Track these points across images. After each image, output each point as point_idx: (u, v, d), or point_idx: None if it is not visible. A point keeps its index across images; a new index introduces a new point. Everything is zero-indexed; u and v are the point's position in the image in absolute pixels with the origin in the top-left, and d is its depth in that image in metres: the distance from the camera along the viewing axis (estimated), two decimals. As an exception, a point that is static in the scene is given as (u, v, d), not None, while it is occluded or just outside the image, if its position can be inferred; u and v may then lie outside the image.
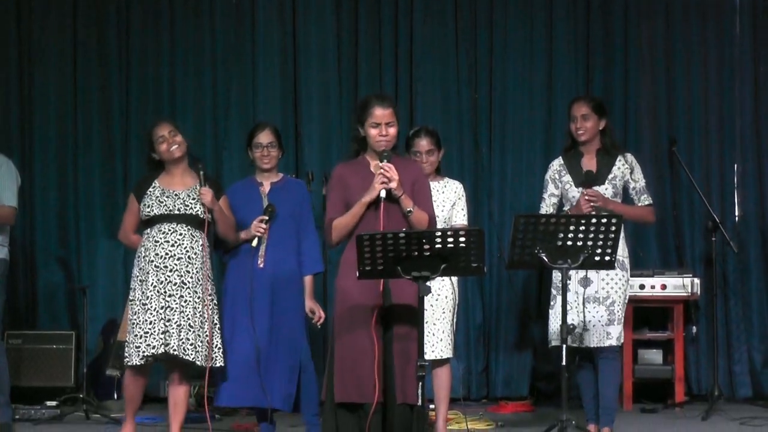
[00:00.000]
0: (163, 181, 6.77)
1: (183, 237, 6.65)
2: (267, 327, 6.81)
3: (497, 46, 9.23)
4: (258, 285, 6.83)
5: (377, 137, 5.83)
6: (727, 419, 8.08)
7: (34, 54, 9.24)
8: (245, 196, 6.95)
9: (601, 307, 6.92)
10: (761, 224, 9.12)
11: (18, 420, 8.01)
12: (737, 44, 9.21)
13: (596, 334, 6.93)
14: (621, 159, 7.07)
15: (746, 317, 9.08)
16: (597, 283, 6.93)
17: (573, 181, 7.04)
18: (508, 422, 8.05)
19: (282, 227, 6.88)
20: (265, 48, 9.23)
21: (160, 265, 6.59)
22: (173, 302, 6.58)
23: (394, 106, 5.90)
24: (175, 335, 6.55)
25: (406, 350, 5.71)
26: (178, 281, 6.60)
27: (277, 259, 6.86)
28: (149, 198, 6.70)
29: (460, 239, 5.58)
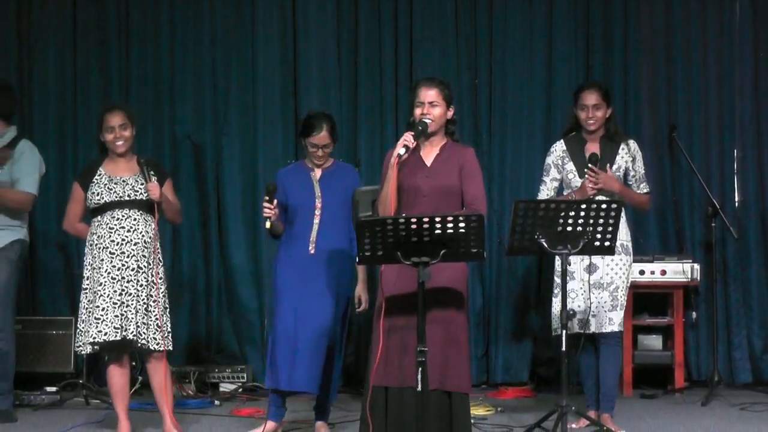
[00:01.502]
0: (108, 168, 6.76)
1: (137, 222, 6.66)
2: (312, 312, 6.75)
3: (497, 32, 9.23)
4: (308, 271, 6.81)
5: (419, 116, 5.82)
6: (726, 405, 8.12)
7: (34, 36, 9.24)
8: (297, 182, 6.90)
9: (605, 293, 6.95)
10: (761, 210, 9.13)
11: (18, 405, 8.03)
12: (737, 30, 9.20)
13: (599, 319, 6.95)
14: (624, 147, 7.07)
15: (746, 303, 9.10)
16: (602, 269, 6.94)
17: (576, 170, 7.02)
18: (508, 408, 8.05)
19: (334, 213, 6.83)
20: (264, 32, 9.23)
21: (116, 251, 6.58)
22: (131, 287, 6.56)
23: (441, 87, 5.87)
24: (132, 320, 6.52)
25: (451, 334, 5.71)
26: (134, 266, 6.59)
27: (327, 246, 6.82)
28: (96, 186, 6.67)
29: (459, 225, 5.55)
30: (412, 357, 5.52)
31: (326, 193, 6.88)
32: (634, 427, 7.08)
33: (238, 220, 9.07)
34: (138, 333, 6.50)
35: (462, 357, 5.77)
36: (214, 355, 9.02)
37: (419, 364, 5.52)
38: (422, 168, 5.82)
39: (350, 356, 8.99)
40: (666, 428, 7.30)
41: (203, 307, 9.04)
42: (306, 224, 6.85)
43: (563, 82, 9.10)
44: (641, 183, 7.05)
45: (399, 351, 5.67)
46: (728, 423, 7.50)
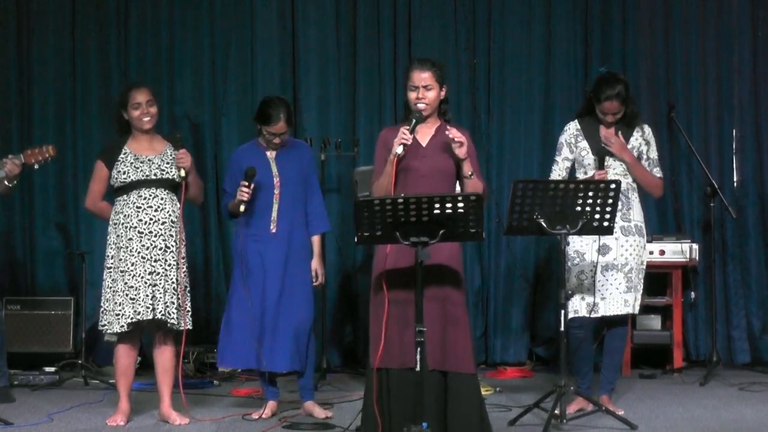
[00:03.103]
0: (132, 146, 6.79)
1: (164, 201, 6.71)
2: (278, 290, 6.87)
3: (495, 12, 9.22)
4: (271, 249, 6.90)
5: (414, 100, 5.82)
6: (725, 385, 8.14)
7: (33, 17, 9.21)
8: (253, 162, 6.90)
9: (619, 275, 6.93)
10: (760, 189, 9.13)
11: (17, 386, 8.06)
12: (735, 9, 9.19)
13: (613, 302, 6.93)
14: (638, 131, 7.03)
15: (745, 283, 9.11)
16: (616, 250, 6.92)
17: (590, 148, 6.99)
18: (507, 388, 8.08)
19: (291, 190, 6.90)
20: (263, 13, 9.21)
21: (145, 230, 6.64)
22: (159, 267, 6.64)
23: (434, 69, 5.83)
24: (161, 300, 6.61)
25: (449, 313, 5.70)
26: (162, 245, 6.66)
27: (288, 223, 6.91)
28: (122, 164, 6.70)
29: (458, 204, 5.55)
30: (411, 336, 5.53)
31: (283, 172, 6.97)
32: (633, 408, 7.08)
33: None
34: (167, 312, 6.61)
35: (463, 336, 5.75)
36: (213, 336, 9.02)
37: (418, 344, 5.52)
38: (418, 149, 5.81)
39: (348, 336, 9.02)
40: (664, 408, 7.30)
41: (202, 287, 9.04)
42: (266, 203, 6.94)
43: (561, 63, 9.12)
44: (654, 167, 7.00)
45: (398, 330, 5.68)
46: (727, 403, 7.51)
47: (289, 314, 6.90)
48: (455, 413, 5.68)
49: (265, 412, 7.03)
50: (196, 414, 6.94)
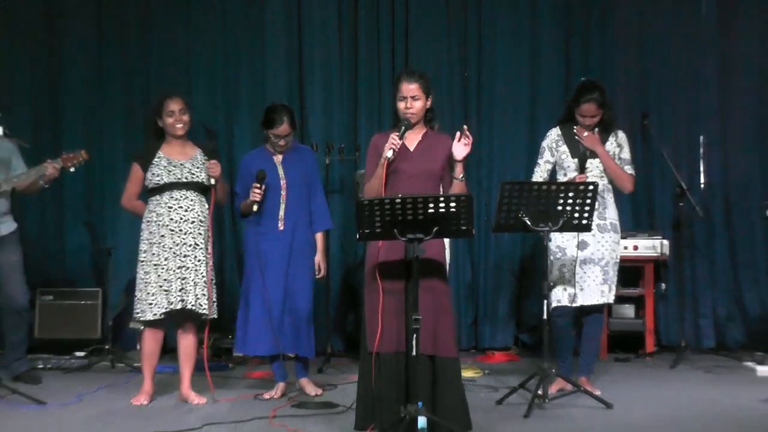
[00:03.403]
0: (165, 151, 6.84)
1: (194, 203, 6.78)
2: (284, 282, 6.94)
3: (485, 28, 9.22)
4: (279, 245, 6.96)
5: (402, 110, 5.84)
6: (693, 368, 8.17)
7: (63, 34, 9.21)
8: (261, 166, 6.96)
9: (596, 268, 6.98)
10: (725, 191, 9.16)
11: (49, 369, 8.10)
12: (703, 25, 9.21)
13: (591, 292, 6.97)
14: (614, 135, 7.09)
15: (711, 275, 9.13)
16: (593, 246, 6.96)
17: (569, 152, 7.03)
18: (494, 370, 8.10)
19: (296, 191, 6.98)
20: (272, 29, 9.21)
21: (176, 228, 6.71)
22: (189, 262, 6.71)
23: (421, 81, 5.85)
24: (191, 292, 6.69)
25: (439, 302, 5.70)
26: (192, 242, 6.73)
27: (294, 223, 6.99)
28: (156, 167, 6.76)
29: (451, 204, 5.57)
30: (403, 323, 5.58)
31: (289, 174, 7.03)
32: (609, 389, 7.09)
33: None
34: (197, 303, 6.71)
35: (449, 324, 5.77)
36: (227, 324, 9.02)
37: (414, 332, 5.54)
38: (406, 153, 5.83)
39: (350, 325, 9.02)
40: (638, 389, 7.33)
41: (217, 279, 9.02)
42: (274, 203, 7.00)
43: (545, 75, 9.13)
44: (626, 165, 7.05)
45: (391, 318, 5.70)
46: (694, 384, 7.56)
47: (293, 304, 6.98)
48: (443, 393, 5.69)
49: (275, 393, 7.07)
50: (213, 395, 6.95)
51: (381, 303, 5.66)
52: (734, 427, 6.13)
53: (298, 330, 7.00)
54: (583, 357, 7.21)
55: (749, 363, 8.22)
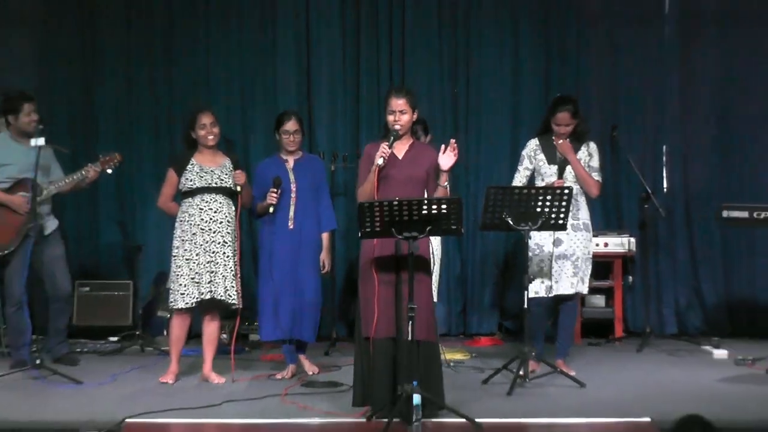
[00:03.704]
0: (198, 159, 6.92)
1: (222, 205, 6.86)
2: (295, 276, 7.03)
3: (473, 49, 9.25)
4: (289, 242, 7.06)
5: (391, 122, 5.93)
6: (657, 351, 8.23)
7: (96, 51, 9.23)
8: (275, 171, 7.10)
9: (568, 262, 7.02)
10: (685, 194, 9.20)
11: (86, 352, 8.14)
12: (667, 46, 9.24)
13: (564, 284, 7.02)
14: (586, 146, 7.15)
15: (673, 269, 9.18)
16: (566, 243, 7.01)
17: (546, 159, 7.11)
18: (481, 354, 8.16)
19: (306, 194, 7.06)
20: (283, 49, 9.23)
21: (206, 228, 6.80)
22: (218, 257, 6.80)
23: (408, 97, 5.95)
24: (220, 284, 6.78)
25: (424, 294, 5.78)
26: (220, 240, 6.81)
27: (302, 222, 7.07)
28: (189, 173, 6.83)
29: (442, 206, 5.62)
30: (393, 311, 5.69)
31: (299, 179, 7.12)
32: (583, 370, 7.14)
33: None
34: (226, 295, 6.79)
35: (432, 312, 5.91)
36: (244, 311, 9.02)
37: (410, 319, 5.60)
38: (395, 160, 5.91)
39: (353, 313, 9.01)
40: (608, 370, 7.37)
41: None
42: (285, 204, 7.09)
43: (526, 90, 9.15)
44: (594, 172, 7.11)
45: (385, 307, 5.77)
46: (658, 366, 7.62)
47: (301, 295, 7.07)
48: (429, 373, 5.77)
49: (287, 373, 7.12)
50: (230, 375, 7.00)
51: (377, 293, 5.74)
52: (693, 404, 6.12)
53: (305, 318, 7.10)
54: (559, 342, 7.25)
55: (707, 347, 8.27)
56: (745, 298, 9.13)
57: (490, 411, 5.97)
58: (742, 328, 9.04)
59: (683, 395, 6.50)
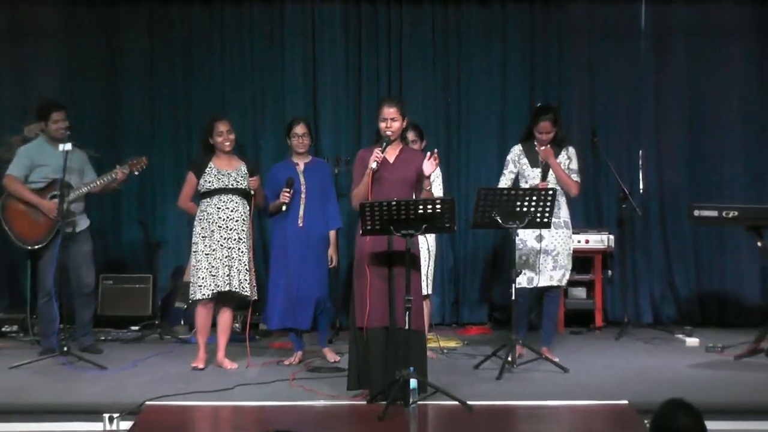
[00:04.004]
0: (215, 163, 6.93)
1: (238, 205, 6.88)
2: (303, 270, 7.00)
3: (464, 65, 9.19)
4: (298, 238, 7.04)
5: (383, 129, 5.93)
6: (634, 339, 8.21)
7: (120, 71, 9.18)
8: (285, 173, 7.11)
9: (549, 257, 7.03)
10: (659, 195, 9.16)
11: (109, 340, 8.11)
12: (642, 60, 9.18)
13: (545, 277, 7.01)
14: (565, 150, 7.17)
15: (648, 264, 9.13)
16: (548, 239, 7.01)
17: (529, 163, 7.10)
18: (472, 341, 8.13)
19: (314, 196, 7.05)
20: (291, 65, 9.18)
21: (224, 225, 6.81)
22: (234, 253, 6.81)
23: (399, 105, 5.96)
24: (236, 277, 6.79)
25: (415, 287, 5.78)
26: (236, 237, 6.84)
27: (311, 221, 7.06)
28: (208, 176, 6.84)
29: (436, 206, 5.63)
30: (386, 302, 5.70)
31: (308, 181, 7.12)
32: (566, 356, 7.13)
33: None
34: (241, 287, 6.80)
35: (421, 303, 5.93)
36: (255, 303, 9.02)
37: (407, 310, 5.60)
38: (387, 164, 5.93)
39: (354, 304, 9.04)
40: (589, 357, 7.37)
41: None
42: (295, 204, 7.08)
43: (513, 100, 9.11)
44: (573, 174, 7.11)
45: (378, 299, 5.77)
46: (635, 353, 7.62)
47: (309, 287, 7.01)
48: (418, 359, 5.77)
49: (294, 359, 7.11)
50: (242, 361, 6.99)
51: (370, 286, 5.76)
52: (667, 388, 6.15)
53: (312, 309, 7.06)
54: (544, 330, 7.26)
55: (680, 335, 8.25)
56: (714, 291, 9.10)
57: (481, 394, 5.99)
58: (712, 318, 9.01)
59: (658, 380, 6.51)
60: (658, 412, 3.42)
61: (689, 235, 9.10)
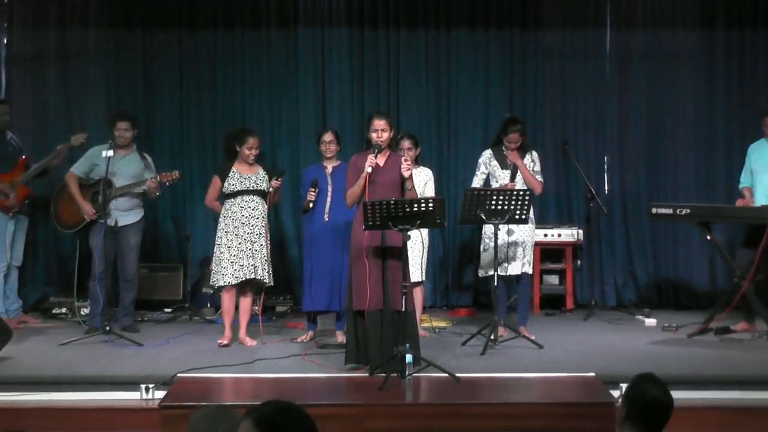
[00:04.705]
0: (238, 168, 6.97)
1: (258, 204, 6.91)
2: (329, 259, 6.93)
3: (453, 82, 9.16)
4: (324, 231, 7.00)
5: (375, 139, 5.96)
6: (600, 320, 8.21)
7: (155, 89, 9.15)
8: (314, 176, 7.12)
9: (519, 248, 7.02)
10: (622, 195, 9.13)
11: (146, 321, 8.09)
12: (607, 79, 9.15)
13: (515, 266, 7.02)
14: (530, 154, 7.19)
15: (612, 255, 9.11)
16: (517, 233, 7.01)
17: (499, 165, 7.11)
18: (460, 322, 8.14)
19: (339, 195, 6.98)
20: (303, 81, 9.15)
21: (246, 222, 6.84)
22: (256, 246, 6.82)
23: (388, 118, 6.06)
24: (260, 266, 6.81)
25: (396, 276, 5.79)
26: (257, 232, 6.84)
27: (336, 216, 6.98)
28: (231, 179, 6.87)
29: (429, 205, 5.65)
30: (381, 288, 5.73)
31: (334, 182, 7.06)
32: (541, 335, 7.13)
33: (286, 202, 9.02)
34: (263, 274, 6.82)
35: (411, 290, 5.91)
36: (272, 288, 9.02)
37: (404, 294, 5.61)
38: (378, 168, 5.96)
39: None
40: (561, 335, 7.37)
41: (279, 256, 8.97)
42: (322, 202, 7.04)
43: (495, 112, 9.05)
44: (537, 175, 7.14)
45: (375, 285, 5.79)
46: (601, 331, 7.63)
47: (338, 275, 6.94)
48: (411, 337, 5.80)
49: (306, 337, 7.10)
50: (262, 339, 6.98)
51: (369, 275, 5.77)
52: (629, 362, 6.19)
53: (333, 291, 7.00)
54: (520, 312, 7.27)
55: (639, 316, 8.25)
56: (669, 278, 9.08)
57: (467, 367, 6.01)
58: (667, 301, 9.00)
59: (621, 355, 6.53)
60: (631, 384, 3.46)
61: (648, 230, 9.08)
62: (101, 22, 9.03)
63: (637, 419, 3.35)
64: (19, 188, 7.74)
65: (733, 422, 5.43)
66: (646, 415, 3.34)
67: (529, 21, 9.12)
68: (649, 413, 3.34)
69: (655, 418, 3.35)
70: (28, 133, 8.66)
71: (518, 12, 9.11)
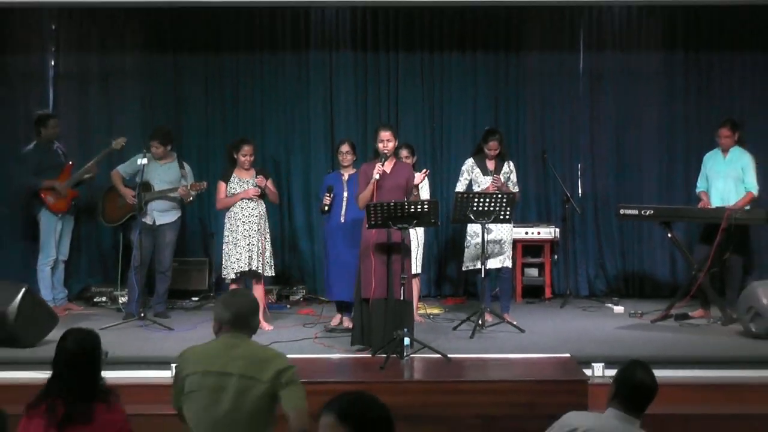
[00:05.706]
0: (237, 173, 7.07)
1: (256, 203, 6.98)
2: (346, 254, 6.85)
3: (445, 98, 9.13)
4: (340, 231, 6.97)
5: (381, 148, 5.96)
6: (575, 308, 8.19)
7: (182, 103, 9.13)
8: (331, 182, 7.13)
9: (497, 245, 7.02)
10: (594, 198, 9.10)
11: (176, 308, 8.09)
12: (581, 95, 9.11)
13: (494, 260, 7.01)
14: (507, 163, 7.20)
15: (585, 250, 9.08)
16: (495, 231, 7.01)
17: (481, 172, 7.12)
18: (451, 309, 8.13)
19: (353, 199, 6.93)
20: (314, 97, 9.11)
21: (246, 220, 6.87)
22: (254, 240, 6.87)
23: (393, 129, 6.12)
24: (255, 258, 6.84)
25: (396, 268, 5.79)
26: (256, 228, 6.87)
27: (350, 217, 6.93)
28: (232, 183, 7.01)
29: (424, 206, 5.65)
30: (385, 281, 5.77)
31: (350, 188, 7.01)
32: (523, 320, 7.13)
33: (299, 201, 9.04)
34: (261, 266, 6.83)
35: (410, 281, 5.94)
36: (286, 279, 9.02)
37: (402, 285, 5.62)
38: (385, 174, 5.96)
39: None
40: (541, 320, 7.38)
41: (279, 250, 9.00)
42: (338, 204, 7.00)
43: (482, 123, 8.99)
44: (514, 186, 7.15)
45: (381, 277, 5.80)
46: (575, 318, 7.64)
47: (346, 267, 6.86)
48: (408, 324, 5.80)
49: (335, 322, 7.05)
50: (277, 323, 6.98)
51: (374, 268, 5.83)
52: (599, 344, 6.21)
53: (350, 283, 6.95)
54: (502, 301, 7.26)
55: (609, 305, 8.22)
56: (635, 270, 9.05)
57: (457, 349, 6.05)
58: (634, 291, 8.97)
59: (593, 338, 6.53)
60: (622, 368, 3.49)
61: (616, 229, 9.05)
62: (137, 46, 9.03)
63: (623, 398, 3.36)
64: (68, 191, 7.76)
65: (694, 397, 5.44)
66: (632, 395, 3.35)
67: (512, 45, 9.10)
68: (635, 395, 3.36)
69: (639, 400, 3.36)
70: (74, 142, 8.68)
71: (503, 37, 9.10)
